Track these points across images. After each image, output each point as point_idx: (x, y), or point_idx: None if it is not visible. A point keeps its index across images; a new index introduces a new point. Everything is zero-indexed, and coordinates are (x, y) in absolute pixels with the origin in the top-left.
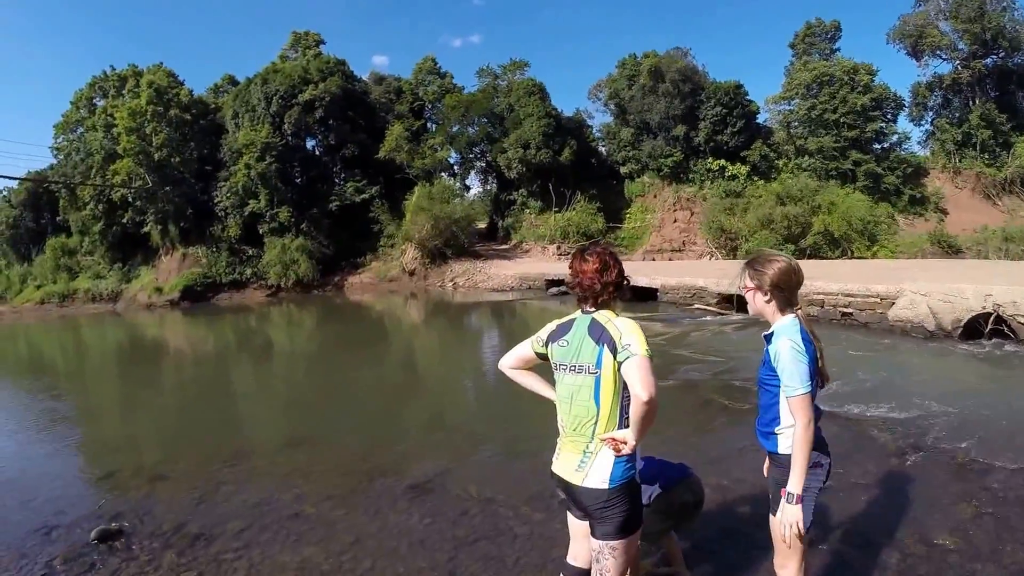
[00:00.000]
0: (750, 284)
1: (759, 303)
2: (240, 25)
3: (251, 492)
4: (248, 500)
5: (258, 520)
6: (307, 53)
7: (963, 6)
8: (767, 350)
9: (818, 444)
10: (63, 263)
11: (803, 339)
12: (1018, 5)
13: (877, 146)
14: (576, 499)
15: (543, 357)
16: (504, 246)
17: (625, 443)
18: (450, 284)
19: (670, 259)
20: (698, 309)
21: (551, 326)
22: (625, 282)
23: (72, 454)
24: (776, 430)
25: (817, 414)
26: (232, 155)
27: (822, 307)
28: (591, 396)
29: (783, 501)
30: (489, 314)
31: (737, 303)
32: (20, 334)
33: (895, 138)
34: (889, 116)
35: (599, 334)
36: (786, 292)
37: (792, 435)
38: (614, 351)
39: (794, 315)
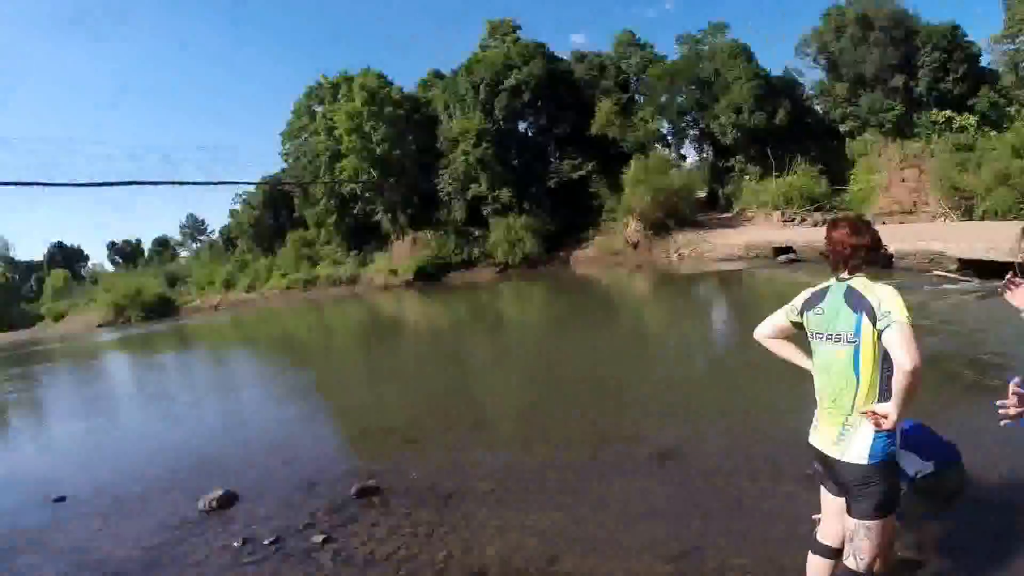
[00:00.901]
0: None
1: None
2: (435, 23)
3: (496, 456)
4: (494, 464)
5: (504, 483)
6: (506, 40)
7: None
8: None
9: None
10: (303, 253)
11: None
12: None
13: None
14: (834, 474)
15: (798, 326)
16: (726, 215)
17: (886, 417)
18: (675, 255)
19: (901, 222)
20: (937, 276)
21: (805, 294)
22: (883, 249)
23: (327, 419)
24: None
25: None
26: (449, 144)
27: None
28: (850, 366)
29: None
30: (717, 284)
31: (979, 270)
32: (271, 317)
33: None
34: None
35: (857, 301)
36: None
37: None
38: (873, 319)
39: None
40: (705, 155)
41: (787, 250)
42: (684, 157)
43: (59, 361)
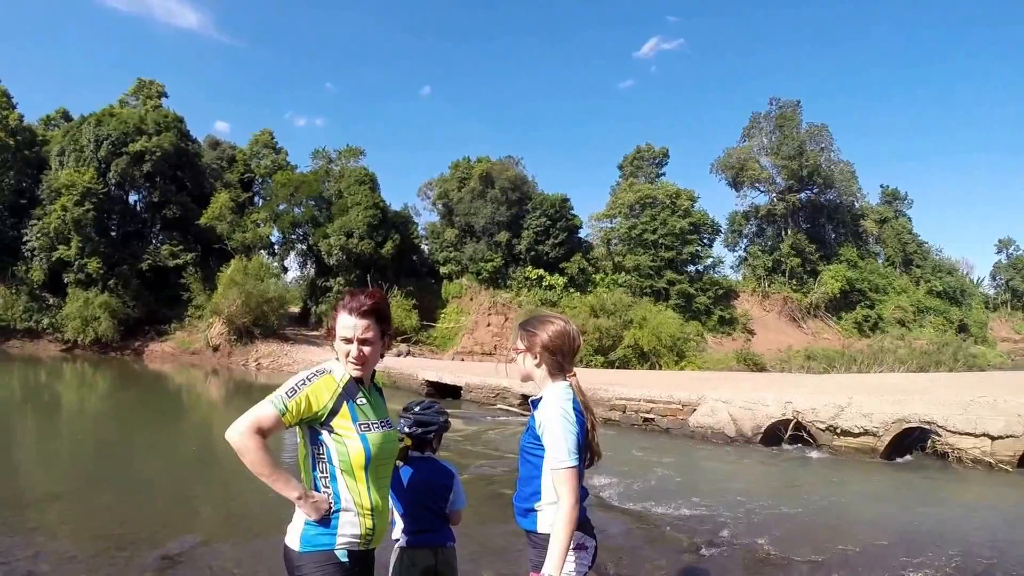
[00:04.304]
0: (520, 346)
1: (528, 366)
2: (87, 63)
3: None
4: None
5: None
6: (147, 103)
7: (785, 144)
8: (532, 416)
9: (582, 525)
10: None
11: (574, 408)
12: (836, 147)
13: (691, 268)
14: None
15: None
16: (315, 332)
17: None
18: (254, 364)
19: (480, 361)
20: (500, 409)
21: None
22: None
23: None
24: (536, 506)
25: (583, 495)
26: (51, 194)
27: (624, 412)
28: None
29: None
30: None
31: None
32: None
33: (709, 261)
34: (706, 241)
35: None
36: (558, 357)
37: (553, 513)
38: None
39: (567, 382)
40: (308, 271)
41: None
42: (286, 269)
43: None
